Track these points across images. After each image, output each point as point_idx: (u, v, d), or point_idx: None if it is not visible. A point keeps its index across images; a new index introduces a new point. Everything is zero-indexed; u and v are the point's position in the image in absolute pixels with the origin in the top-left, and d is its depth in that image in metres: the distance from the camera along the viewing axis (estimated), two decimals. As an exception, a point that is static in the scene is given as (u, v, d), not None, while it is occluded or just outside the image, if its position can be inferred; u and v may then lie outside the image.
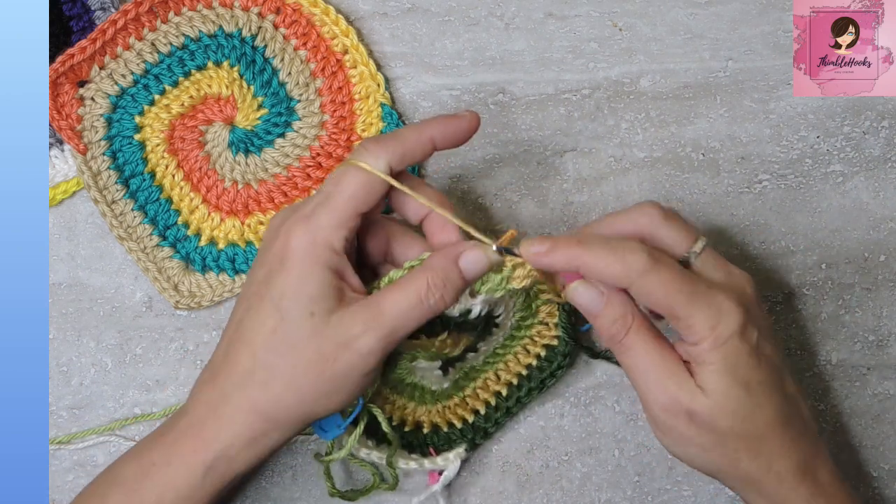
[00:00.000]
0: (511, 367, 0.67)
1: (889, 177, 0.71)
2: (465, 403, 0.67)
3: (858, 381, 0.70)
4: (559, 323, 0.66)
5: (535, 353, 0.67)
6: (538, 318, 0.67)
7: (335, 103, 0.70)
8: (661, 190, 0.71)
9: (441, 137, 0.57)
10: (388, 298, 0.54)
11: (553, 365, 0.67)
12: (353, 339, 0.53)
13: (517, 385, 0.67)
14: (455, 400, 0.68)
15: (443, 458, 0.66)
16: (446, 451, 0.66)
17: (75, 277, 0.70)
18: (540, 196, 0.70)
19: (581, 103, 0.71)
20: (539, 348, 0.67)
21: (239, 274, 0.69)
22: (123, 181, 0.70)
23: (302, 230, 0.54)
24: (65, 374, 0.69)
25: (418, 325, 0.55)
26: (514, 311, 0.66)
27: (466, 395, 0.68)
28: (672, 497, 0.70)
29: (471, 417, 0.67)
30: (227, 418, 0.54)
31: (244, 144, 0.69)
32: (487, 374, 0.68)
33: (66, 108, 0.69)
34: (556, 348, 0.67)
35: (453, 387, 0.67)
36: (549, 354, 0.67)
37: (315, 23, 0.70)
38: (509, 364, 0.67)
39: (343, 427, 0.60)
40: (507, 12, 0.71)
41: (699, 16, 0.71)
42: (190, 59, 0.69)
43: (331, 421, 0.60)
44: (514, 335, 0.67)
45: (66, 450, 0.69)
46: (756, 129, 0.71)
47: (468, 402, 0.67)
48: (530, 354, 0.67)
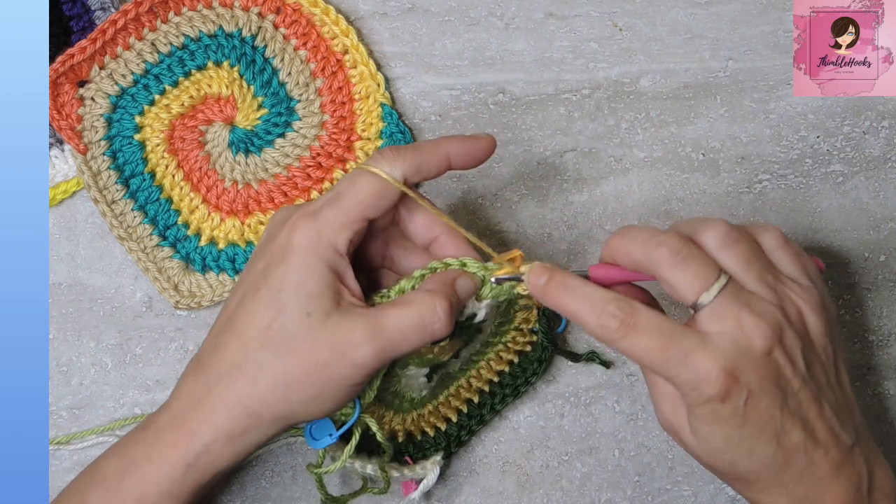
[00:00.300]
0: (483, 375, 0.67)
1: (889, 177, 0.71)
2: (437, 412, 0.67)
3: (858, 382, 0.70)
4: (538, 328, 0.66)
5: (507, 359, 0.67)
6: (514, 324, 0.67)
7: (335, 103, 0.70)
8: (661, 190, 0.71)
9: (457, 156, 0.57)
10: (391, 314, 0.53)
11: (527, 371, 0.67)
12: (348, 348, 0.52)
13: (489, 392, 0.67)
14: (429, 408, 0.67)
15: (420, 466, 0.65)
16: (422, 459, 0.66)
17: (75, 277, 0.70)
18: (540, 196, 0.71)
19: (581, 103, 0.71)
20: (512, 355, 0.67)
21: (239, 274, 0.69)
22: (123, 181, 0.70)
23: (307, 225, 0.54)
24: (65, 374, 0.69)
25: (415, 348, 0.54)
26: (495, 317, 0.66)
27: (439, 403, 0.67)
28: (672, 497, 0.70)
29: (443, 426, 0.67)
30: (210, 412, 0.53)
31: (244, 144, 0.69)
32: (460, 382, 0.67)
33: (66, 108, 0.69)
34: (529, 354, 0.66)
35: (429, 395, 0.66)
36: (522, 361, 0.67)
37: (315, 23, 0.70)
38: (482, 371, 0.67)
39: (335, 437, 0.59)
40: (507, 12, 0.71)
41: (699, 16, 0.71)
42: (190, 59, 0.69)
43: (321, 429, 0.59)
44: (489, 341, 0.67)
45: (66, 450, 0.69)
46: (756, 129, 0.71)
47: (440, 409, 0.67)
48: (503, 361, 0.67)
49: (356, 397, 0.57)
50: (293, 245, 0.53)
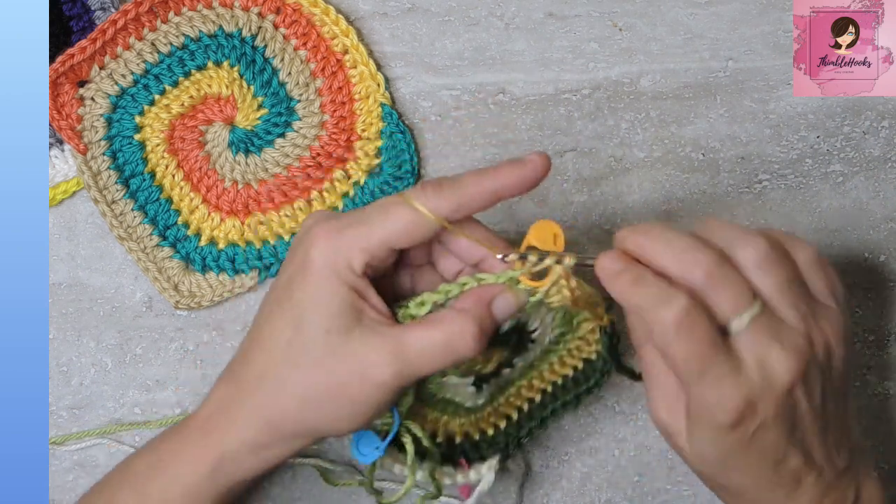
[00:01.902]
0: (546, 377, 0.65)
1: (889, 177, 0.71)
2: (497, 412, 0.65)
3: (858, 381, 0.70)
4: (599, 343, 0.64)
5: (571, 364, 0.65)
6: (578, 333, 0.64)
7: (335, 103, 0.70)
8: (661, 190, 0.71)
9: (504, 188, 0.54)
10: (414, 335, 0.52)
11: (590, 381, 0.64)
12: (368, 367, 0.52)
13: (552, 393, 0.65)
14: (488, 410, 0.65)
15: (475, 470, 0.64)
16: (479, 462, 0.64)
17: (75, 277, 0.70)
18: (540, 196, 0.70)
19: (581, 103, 0.71)
20: (577, 360, 0.65)
21: (239, 274, 0.69)
22: (123, 181, 0.70)
23: (325, 242, 0.52)
24: (65, 374, 0.69)
25: (441, 369, 0.53)
26: (553, 327, 0.64)
27: (499, 405, 0.65)
28: (672, 497, 0.70)
29: (503, 424, 0.65)
30: (236, 421, 0.54)
31: (244, 144, 0.69)
32: (521, 383, 0.65)
33: (66, 108, 0.69)
34: (594, 363, 0.64)
35: (488, 401, 0.65)
36: (586, 368, 0.64)
37: (315, 23, 0.70)
38: (544, 374, 0.65)
39: (382, 449, 0.58)
40: (507, 12, 0.71)
41: (699, 16, 0.71)
42: (190, 59, 0.69)
43: (367, 442, 0.58)
44: (551, 349, 0.65)
45: (66, 450, 0.69)
46: (756, 129, 0.71)
47: (501, 409, 0.65)
48: (567, 365, 0.65)
49: (393, 407, 0.57)
50: (311, 260, 0.52)
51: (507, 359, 0.64)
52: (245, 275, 0.69)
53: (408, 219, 0.53)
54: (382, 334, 0.52)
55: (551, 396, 0.65)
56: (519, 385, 0.65)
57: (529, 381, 0.65)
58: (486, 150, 0.70)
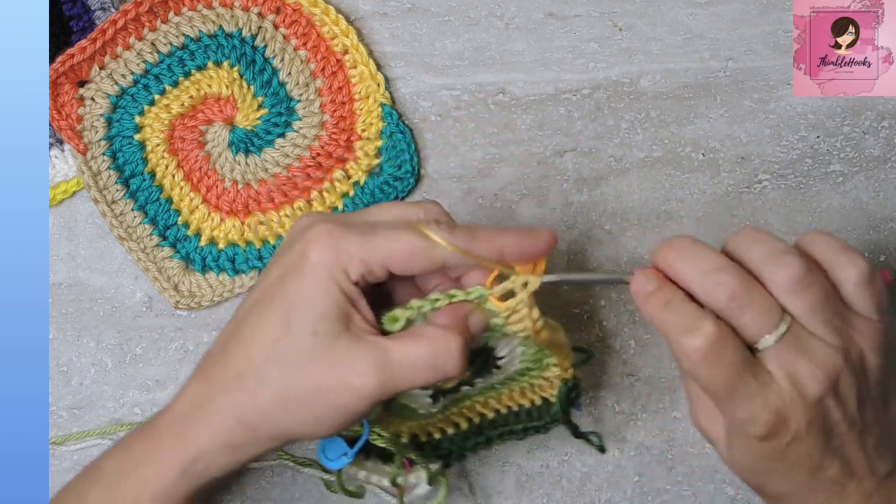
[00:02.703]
0: (503, 401, 0.65)
1: (889, 177, 0.71)
2: (447, 420, 0.65)
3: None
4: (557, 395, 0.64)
5: (530, 398, 0.65)
6: (544, 373, 0.64)
7: (335, 103, 0.70)
8: (661, 190, 0.71)
9: (511, 254, 0.53)
10: (400, 348, 0.52)
11: (542, 420, 0.65)
12: (352, 376, 0.51)
13: (504, 416, 0.65)
14: (439, 417, 0.65)
15: (415, 475, 0.63)
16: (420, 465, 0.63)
17: (75, 277, 0.70)
18: (540, 196, 0.71)
19: (581, 103, 0.71)
20: (536, 397, 0.65)
21: (239, 274, 0.69)
22: (123, 181, 0.70)
23: (325, 242, 0.52)
24: (65, 374, 0.69)
25: (424, 385, 0.52)
26: (521, 360, 0.63)
27: (451, 413, 0.65)
28: (672, 497, 0.70)
29: (450, 430, 0.65)
30: (210, 420, 0.53)
31: (244, 144, 0.69)
32: (478, 400, 0.65)
33: (66, 108, 0.69)
34: (551, 406, 0.64)
35: (440, 411, 0.65)
36: (542, 407, 0.65)
37: (315, 23, 0.70)
38: (502, 397, 0.65)
39: (350, 456, 0.58)
40: (507, 12, 0.71)
41: (699, 16, 0.71)
42: (190, 59, 0.69)
43: (334, 448, 0.58)
44: (514, 378, 0.65)
45: (66, 450, 0.69)
46: (756, 129, 0.71)
47: (451, 418, 0.65)
48: (525, 398, 0.65)
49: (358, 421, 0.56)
50: (309, 259, 0.52)
51: (469, 378, 0.63)
52: (245, 275, 0.69)
53: (415, 247, 0.52)
54: (369, 344, 0.51)
55: (503, 419, 0.65)
56: (475, 401, 0.65)
57: (485, 400, 0.65)
58: (486, 150, 0.70)
